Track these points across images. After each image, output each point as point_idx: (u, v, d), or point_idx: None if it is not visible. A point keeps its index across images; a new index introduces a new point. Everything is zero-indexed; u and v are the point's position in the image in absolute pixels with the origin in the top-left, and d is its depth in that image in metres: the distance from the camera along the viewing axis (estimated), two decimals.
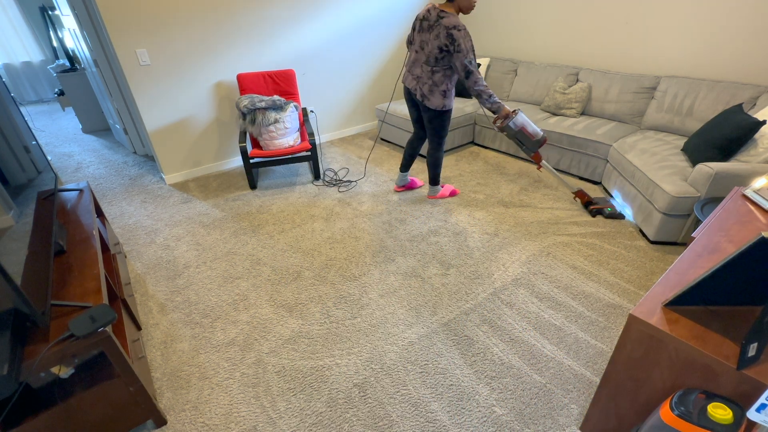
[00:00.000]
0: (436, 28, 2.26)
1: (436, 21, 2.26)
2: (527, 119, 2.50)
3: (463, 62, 2.25)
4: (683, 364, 0.97)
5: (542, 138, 2.50)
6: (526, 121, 2.47)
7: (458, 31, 2.19)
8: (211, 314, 1.97)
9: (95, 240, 1.61)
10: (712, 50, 2.80)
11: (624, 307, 1.92)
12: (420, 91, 2.47)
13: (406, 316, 1.92)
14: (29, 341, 1.14)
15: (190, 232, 2.66)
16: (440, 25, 2.24)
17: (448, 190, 3.00)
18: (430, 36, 2.32)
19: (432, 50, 2.32)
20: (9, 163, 1.49)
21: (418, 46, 2.43)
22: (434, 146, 2.73)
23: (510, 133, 2.50)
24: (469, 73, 2.27)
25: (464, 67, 2.27)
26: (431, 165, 2.83)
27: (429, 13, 2.33)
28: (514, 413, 1.46)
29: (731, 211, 1.39)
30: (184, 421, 1.48)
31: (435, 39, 2.28)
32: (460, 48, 2.22)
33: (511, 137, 2.53)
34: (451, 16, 2.22)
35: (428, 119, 2.57)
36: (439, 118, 2.54)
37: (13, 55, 6.18)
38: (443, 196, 2.99)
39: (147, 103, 3.02)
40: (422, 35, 2.38)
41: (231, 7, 3.10)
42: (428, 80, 2.41)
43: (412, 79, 2.51)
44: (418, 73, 2.46)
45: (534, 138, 2.49)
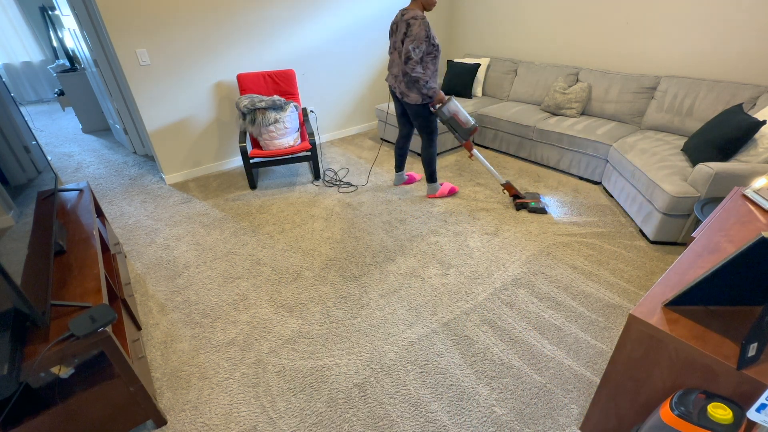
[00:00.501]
0: (401, 25, 2.41)
1: (401, 18, 2.42)
2: (460, 107, 2.64)
3: (407, 47, 2.35)
4: (683, 364, 0.97)
5: (473, 126, 2.64)
6: (458, 109, 2.61)
7: (415, 19, 2.33)
8: (211, 314, 1.97)
9: (95, 240, 1.61)
10: (712, 50, 2.80)
11: (624, 307, 1.92)
12: (399, 88, 2.59)
13: (406, 316, 1.92)
14: (29, 341, 1.14)
15: (190, 232, 2.66)
16: (403, 21, 2.39)
17: (447, 188, 3.00)
18: (398, 34, 2.46)
19: (402, 47, 2.44)
20: (9, 163, 1.49)
21: (392, 48, 2.59)
22: (426, 142, 2.79)
23: (443, 119, 2.64)
24: (408, 59, 2.37)
25: (407, 52, 2.36)
26: (426, 162, 2.88)
27: (396, 17, 2.50)
28: (514, 413, 1.46)
29: (731, 211, 1.39)
30: (184, 421, 1.48)
31: (402, 34, 2.42)
32: (411, 33, 2.34)
33: (445, 122, 2.67)
34: (411, 11, 2.37)
35: (413, 115, 2.67)
36: (421, 114, 2.63)
37: (13, 55, 6.18)
38: (443, 195, 2.99)
39: (147, 103, 3.02)
40: (394, 37, 2.54)
41: (231, 7, 3.10)
42: (404, 78, 2.51)
43: (392, 77, 2.64)
44: (396, 72, 2.59)
45: (465, 126, 2.64)
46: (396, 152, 3.04)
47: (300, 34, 3.57)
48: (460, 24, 4.55)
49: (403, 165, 3.09)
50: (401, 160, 3.06)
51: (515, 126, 3.44)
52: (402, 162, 3.07)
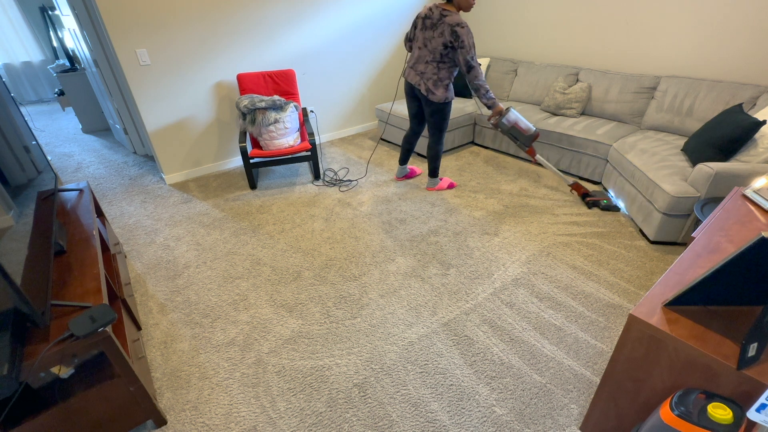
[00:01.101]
0: (440, 26, 2.36)
1: (440, 19, 2.36)
2: (519, 115, 2.64)
3: (466, 57, 2.35)
4: (683, 364, 0.97)
5: (535, 133, 2.64)
6: (518, 117, 2.62)
7: (461, 28, 2.30)
8: (211, 314, 1.97)
9: (95, 240, 1.61)
10: (712, 50, 2.80)
11: (624, 307, 1.92)
12: (425, 85, 2.56)
13: (406, 316, 1.92)
14: (29, 341, 1.14)
15: (190, 232, 2.66)
16: (444, 23, 2.34)
17: (446, 182, 3.11)
18: (434, 33, 2.41)
19: (436, 47, 2.42)
20: (9, 163, 1.49)
21: (421, 43, 2.52)
22: (435, 139, 2.83)
23: (504, 129, 2.65)
24: (471, 67, 2.38)
25: (467, 63, 2.37)
26: (431, 158, 2.94)
27: (431, 12, 2.42)
28: (514, 413, 1.46)
29: (731, 211, 1.39)
30: (184, 421, 1.48)
31: (439, 36, 2.38)
32: (464, 44, 2.32)
33: (506, 133, 2.67)
34: (453, 14, 2.33)
35: (431, 112, 2.67)
36: (441, 111, 2.66)
37: (13, 55, 6.18)
38: (441, 188, 3.10)
39: (147, 103, 3.02)
40: (425, 33, 2.47)
41: (231, 7, 3.10)
42: (433, 75, 2.51)
43: (416, 74, 2.60)
44: (422, 69, 2.55)
45: (527, 133, 2.64)
46: (403, 146, 3.08)
47: (300, 34, 3.57)
48: None
49: (408, 159, 3.15)
50: (407, 154, 3.12)
51: None
52: (408, 156, 3.13)
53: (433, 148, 2.88)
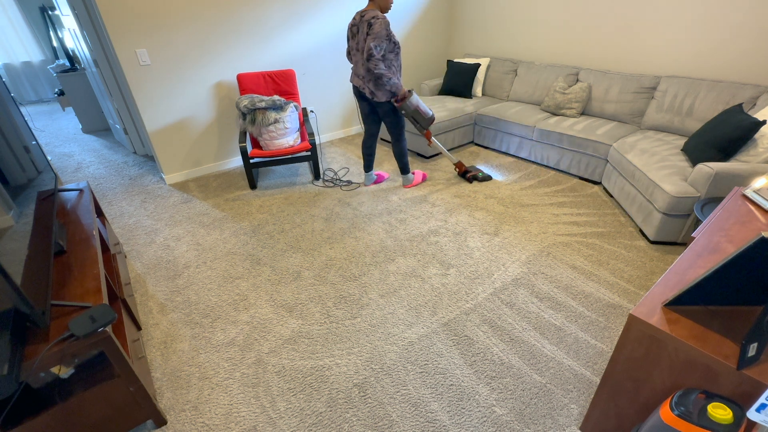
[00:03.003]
0: (362, 25, 2.46)
1: (360, 20, 2.47)
2: (420, 100, 2.79)
3: (369, 44, 2.40)
4: (683, 364, 0.97)
5: (432, 116, 2.83)
6: (419, 101, 2.75)
7: (376, 19, 2.39)
8: (211, 314, 1.97)
9: (95, 240, 1.61)
10: (712, 50, 2.80)
11: (624, 307, 1.92)
12: (368, 89, 2.63)
13: (406, 316, 1.92)
14: (29, 341, 1.14)
15: (190, 232, 2.66)
16: (363, 21, 2.44)
17: (419, 176, 3.20)
18: (360, 35, 2.51)
19: (364, 46, 2.48)
20: (9, 163, 1.49)
21: (354, 50, 2.62)
22: (396, 137, 2.89)
23: (407, 112, 2.74)
24: (371, 56, 2.42)
25: (368, 49, 2.41)
26: (398, 156, 3.00)
27: (354, 19, 2.54)
28: (514, 413, 1.46)
29: (731, 211, 1.39)
30: (184, 421, 1.48)
31: (363, 34, 2.47)
32: (373, 31, 2.39)
33: (408, 116, 2.78)
34: (371, 11, 2.42)
35: (384, 113, 2.74)
36: (394, 110, 2.72)
37: (13, 55, 6.18)
38: (417, 183, 3.18)
39: (147, 103, 3.02)
40: (355, 39, 2.58)
41: (231, 7, 3.10)
42: (368, 75, 2.54)
43: (359, 79, 2.68)
44: (362, 73, 2.62)
45: (426, 116, 2.80)
46: (365, 152, 3.08)
47: (300, 34, 3.57)
48: (460, 24, 4.55)
49: (372, 165, 3.16)
50: (370, 159, 3.12)
51: (515, 126, 3.44)
52: (371, 162, 3.14)
53: (396, 145, 2.93)
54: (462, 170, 3.22)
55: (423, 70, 4.73)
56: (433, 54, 4.73)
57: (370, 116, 2.89)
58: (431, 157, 3.71)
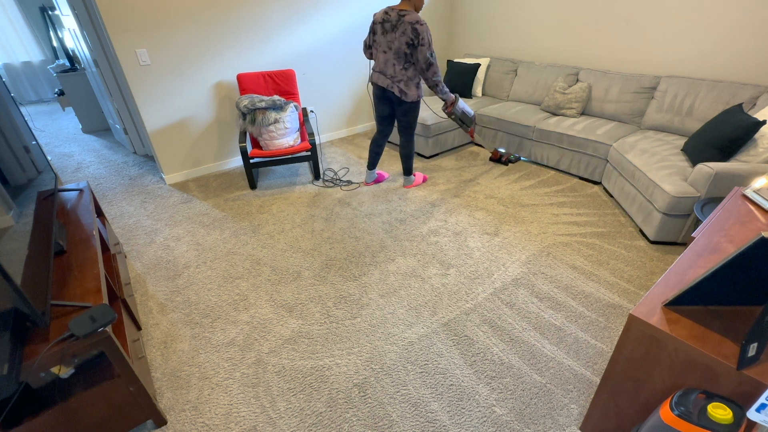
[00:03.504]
0: (401, 26, 2.40)
1: (399, 20, 2.41)
2: (464, 103, 3.00)
3: (425, 54, 2.40)
4: (683, 364, 0.97)
5: (474, 115, 2.99)
6: (464, 105, 2.91)
7: (421, 25, 2.35)
8: (211, 314, 1.97)
9: (95, 240, 1.61)
10: (712, 50, 2.80)
11: (624, 307, 1.92)
12: (398, 87, 2.59)
13: (406, 316, 1.92)
14: (29, 341, 1.14)
15: (190, 232, 2.66)
16: (404, 23, 2.39)
17: (420, 177, 3.22)
18: (395, 35, 2.45)
19: (400, 47, 2.46)
20: (9, 163, 1.49)
21: (386, 47, 2.55)
22: (408, 139, 2.90)
23: (456, 116, 2.91)
24: (430, 65, 2.43)
25: (426, 59, 2.41)
26: (406, 157, 3.00)
27: (388, 15, 2.47)
28: (514, 413, 1.46)
29: (731, 211, 1.39)
30: (184, 421, 1.48)
31: (401, 36, 2.42)
32: (424, 41, 2.37)
33: (456, 119, 2.94)
34: (411, 13, 2.38)
35: (403, 112, 2.72)
36: (413, 110, 2.72)
37: (13, 55, 6.18)
38: (417, 185, 3.20)
39: (147, 103, 3.02)
40: (387, 36, 2.51)
41: (231, 7, 3.10)
42: (403, 77, 2.55)
43: (386, 78, 2.62)
44: (392, 72, 2.58)
45: (470, 116, 2.96)
46: (373, 150, 3.08)
47: (300, 34, 3.57)
48: (460, 24, 4.55)
49: (377, 163, 3.17)
50: (377, 158, 3.12)
51: (515, 126, 3.44)
52: (377, 161, 3.14)
53: (406, 147, 2.93)
54: (497, 156, 3.51)
55: None
56: None
57: (388, 119, 2.88)
58: (431, 157, 3.71)
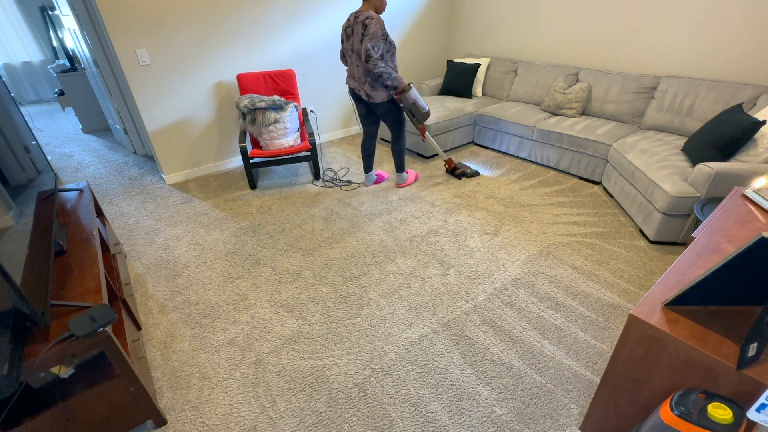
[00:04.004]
0: (356, 26, 2.45)
1: (355, 21, 2.47)
2: (418, 94, 2.80)
3: (366, 45, 2.40)
4: (683, 364, 0.97)
5: (428, 111, 2.86)
6: (417, 96, 2.76)
7: (371, 19, 2.38)
8: (211, 314, 1.97)
9: (95, 240, 1.61)
10: (713, 50, 2.80)
11: (624, 307, 1.92)
12: (364, 91, 2.62)
13: (406, 316, 1.92)
14: (29, 341, 1.14)
15: (190, 232, 2.66)
16: (358, 22, 2.43)
17: (412, 175, 3.23)
18: (354, 36, 2.50)
19: (360, 47, 2.49)
20: (9, 163, 1.49)
21: (350, 51, 2.60)
22: (396, 136, 2.91)
23: (406, 105, 2.76)
24: (369, 56, 2.42)
25: (366, 50, 2.41)
26: (397, 154, 3.00)
27: (349, 20, 2.53)
28: (514, 413, 1.46)
29: (731, 211, 1.39)
30: (184, 421, 1.48)
31: (358, 36, 2.46)
32: (368, 31, 2.38)
33: (406, 110, 2.81)
34: (365, 12, 2.42)
35: (383, 113, 2.74)
36: (392, 110, 2.73)
37: (13, 55, 6.18)
38: (410, 183, 3.20)
39: (147, 103, 3.02)
40: (350, 40, 2.56)
41: (231, 7, 3.10)
42: (367, 78, 2.56)
43: (354, 81, 2.66)
44: (358, 75, 2.61)
45: (423, 111, 2.83)
46: (364, 154, 3.07)
47: (300, 34, 3.57)
48: (460, 24, 4.55)
49: (372, 165, 3.16)
50: (370, 160, 3.11)
51: (515, 126, 3.44)
52: (371, 162, 3.13)
53: (396, 143, 2.94)
54: (451, 167, 3.32)
55: (423, 70, 4.73)
56: (433, 54, 4.73)
57: (368, 117, 2.89)
58: (431, 157, 3.71)
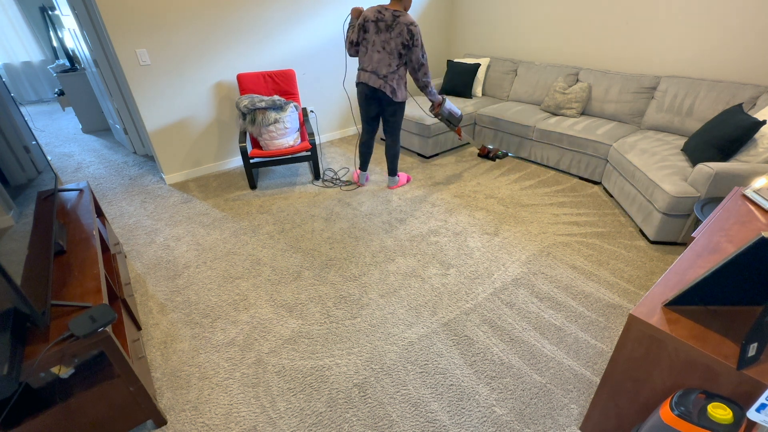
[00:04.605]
0: (396, 27, 2.43)
1: (394, 20, 2.43)
2: (451, 103, 2.97)
3: (418, 55, 2.45)
4: (683, 364, 0.97)
5: (461, 115, 3.02)
6: (452, 105, 2.95)
7: (415, 27, 2.42)
8: (211, 314, 1.97)
9: (95, 240, 1.61)
10: (713, 50, 2.80)
11: (624, 307, 1.92)
12: (390, 87, 2.61)
13: (406, 316, 1.92)
14: (29, 341, 1.14)
15: (190, 232, 2.66)
16: (399, 24, 2.42)
17: (404, 178, 3.23)
18: (391, 35, 2.47)
19: (395, 47, 2.49)
20: (9, 163, 1.49)
21: (379, 47, 2.55)
22: (394, 139, 2.93)
23: (443, 117, 2.94)
24: (422, 65, 2.49)
25: (419, 60, 2.46)
26: (392, 157, 3.01)
27: (382, 15, 2.47)
28: (514, 413, 1.46)
29: (731, 211, 1.39)
30: (184, 421, 1.48)
31: (397, 36, 2.45)
32: (417, 42, 2.45)
33: (444, 120, 2.98)
34: (406, 14, 2.42)
35: (392, 112, 2.75)
36: (401, 110, 2.78)
37: (13, 55, 6.18)
38: (402, 185, 3.20)
39: (147, 103, 3.02)
40: (381, 35, 2.51)
41: (231, 7, 3.10)
42: (395, 75, 2.58)
43: (378, 78, 2.61)
44: (385, 72, 2.59)
45: (456, 116, 2.98)
46: (363, 152, 3.08)
47: (300, 34, 3.56)
48: (460, 24, 4.55)
49: (368, 163, 3.17)
50: (368, 158, 3.13)
51: (515, 126, 3.44)
52: (368, 160, 3.15)
53: (393, 147, 2.95)
54: (485, 152, 3.60)
55: None
56: (433, 54, 4.73)
57: (376, 119, 2.90)
58: (431, 157, 3.71)
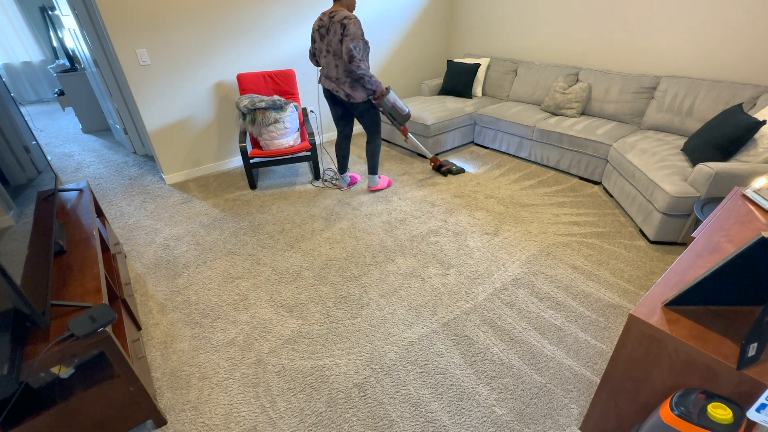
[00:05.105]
0: (333, 26, 2.42)
1: (330, 20, 2.43)
2: (396, 97, 2.79)
3: (348, 46, 2.38)
4: (683, 364, 0.97)
5: (408, 113, 2.84)
6: (396, 99, 2.77)
7: (349, 19, 2.36)
8: (211, 314, 1.97)
9: (95, 240, 1.61)
10: (713, 50, 2.80)
11: (624, 307, 1.92)
12: (343, 91, 2.59)
13: (406, 316, 1.92)
14: (29, 341, 1.14)
15: (190, 232, 2.66)
16: (334, 22, 2.41)
17: (385, 180, 3.19)
18: (330, 36, 2.47)
19: (337, 47, 2.46)
20: (9, 163, 1.49)
21: (325, 51, 2.55)
22: (372, 136, 2.89)
23: (385, 109, 2.74)
24: (352, 57, 2.40)
25: (348, 50, 2.39)
26: (371, 154, 2.97)
27: (322, 21, 2.49)
28: (514, 413, 1.46)
29: (731, 211, 1.39)
30: (184, 421, 1.48)
31: (334, 35, 2.44)
32: (348, 32, 2.36)
33: (386, 113, 2.78)
34: (341, 11, 2.40)
35: (360, 114, 2.72)
36: (369, 111, 2.72)
37: (13, 55, 6.18)
38: (383, 187, 3.16)
39: (147, 103, 3.02)
40: (324, 40, 2.53)
41: (231, 7, 3.10)
42: (346, 78, 2.54)
43: (331, 82, 2.62)
44: (335, 75, 2.57)
45: (403, 113, 2.81)
46: (339, 154, 3.03)
47: (300, 34, 3.57)
48: (460, 24, 4.55)
49: (347, 166, 3.12)
50: (345, 161, 3.08)
51: (515, 126, 3.44)
52: (346, 163, 3.10)
53: (371, 144, 2.92)
54: (437, 165, 3.35)
55: (423, 70, 4.74)
56: (433, 54, 4.73)
57: (344, 118, 2.86)
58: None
